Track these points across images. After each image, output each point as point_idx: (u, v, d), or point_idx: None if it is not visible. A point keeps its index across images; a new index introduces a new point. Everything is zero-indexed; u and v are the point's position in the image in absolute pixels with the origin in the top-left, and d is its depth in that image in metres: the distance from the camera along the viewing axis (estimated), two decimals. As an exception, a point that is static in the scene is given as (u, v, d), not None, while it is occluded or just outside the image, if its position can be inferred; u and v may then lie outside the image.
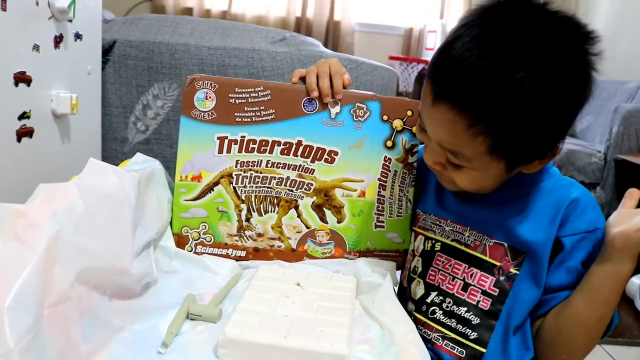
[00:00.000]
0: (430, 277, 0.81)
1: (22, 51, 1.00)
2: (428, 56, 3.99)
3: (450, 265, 0.79)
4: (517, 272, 0.75)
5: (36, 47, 1.04)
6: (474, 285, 0.77)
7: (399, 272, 0.88)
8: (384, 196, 0.87)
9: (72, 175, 0.70)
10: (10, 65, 0.97)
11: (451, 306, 0.78)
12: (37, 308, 0.51)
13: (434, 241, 0.82)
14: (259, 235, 0.87)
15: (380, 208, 0.87)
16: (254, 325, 0.62)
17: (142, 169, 0.80)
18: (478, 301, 0.76)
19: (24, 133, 1.04)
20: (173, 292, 0.74)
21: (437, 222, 0.83)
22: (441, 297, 0.79)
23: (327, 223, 0.87)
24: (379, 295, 0.76)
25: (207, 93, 0.84)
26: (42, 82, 1.08)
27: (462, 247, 0.79)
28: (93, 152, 1.47)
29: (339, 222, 0.87)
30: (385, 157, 0.86)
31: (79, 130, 1.28)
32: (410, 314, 0.80)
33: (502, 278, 0.75)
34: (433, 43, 3.99)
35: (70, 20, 1.17)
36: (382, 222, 0.88)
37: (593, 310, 0.72)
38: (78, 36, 1.23)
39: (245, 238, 0.87)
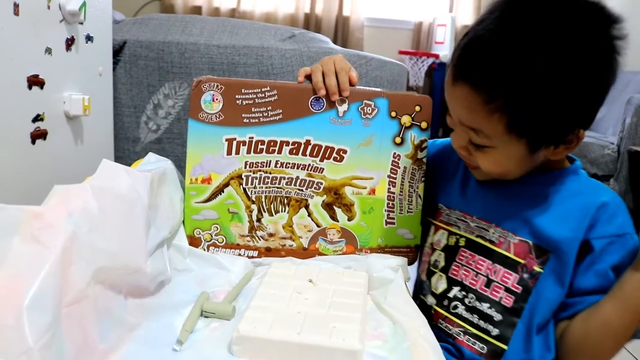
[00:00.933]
0: (453, 272, 0.81)
1: (35, 55, 1.02)
2: (438, 50, 3.97)
3: (474, 261, 0.79)
4: (541, 271, 0.75)
5: (48, 50, 1.06)
6: (497, 282, 0.77)
7: (410, 268, 0.88)
8: (393, 193, 0.87)
9: (86, 176, 0.71)
10: (23, 69, 0.99)
11: (474, 302, 0.78)
12: (55, 307, 0.52)
13: (458, 236, 0.82)
14: (271, 235, 0.88)
15: (390, 205, 0.88)
16: (267, 322, 0.63)
17: (155, 169, 0.81)
18: (501, 298, 0.76)
19: (38, 135, 1.05)
20: (187, 290, 0.75)
21: (462, 218, 0.83)
22: (464, 293, 0.79)
23: (337, 221, 0.88)
24: (390, 290, 0.76)
25: (213, 95, 0.84)
26: (55, 85, 1.09)
27: (487, 244, 0.79)
28: (106, 153, 1.49)
29: (349, 220, 0.88)
30: (394, 153, 0.86)
31: (91, 131, 1.30)
32: (430, 307, 0.81)
33: (525, 276, 0.75)
34: (443, 37, 3.96)
35: (81, 23, 1.18)
36: (393, 218, 0.88)
37: (624, 318, 0.71)
38: (89, 38, 1.24)
39: (257, 238, 0.88)
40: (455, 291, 0.80)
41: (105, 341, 0.59)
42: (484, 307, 0.77)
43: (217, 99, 0.84)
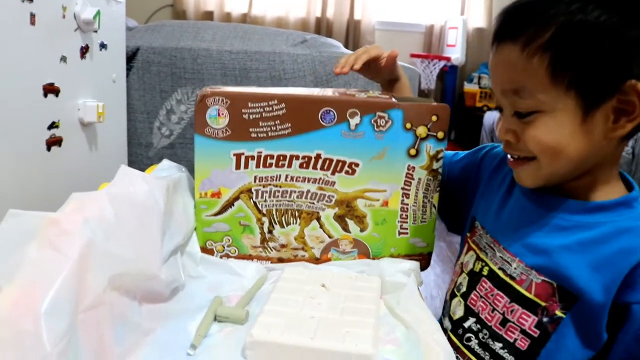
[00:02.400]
0: (472, 301, 0.77)
1: (50, 63, 1.03)
2: (449, 53, 3.96)
3: (492, 295, 0.74)
4: (564, 316, 0.68)
5: (63, 59, 1.07)
6: (513, 322, 0.71)
7: (422, 273, 0.88)
8: (407, 204, 0.86)
9: (101, 182, 0.73)
10: (39, 77, 1.00)
11: (487, 339, 0.73)
12: (72, 313, 0.52)
13: (484, 264, 0.77)
14: (283, 246, 0.87)
15: (403, 216, 0.86)
16: (281, 327, 0.63)
17: (170, 175, 0.82)
18: (515, 340, 0.71)
19: (54, 142, 1.07)
20: (200, 295, 0.75)
21: (491, 245, 0.77)
22: (479, 326, 0.75)
23: (349, 232, 0.87)
24: (403, 294, 0.76)
25: (219, 110, 0.81)
26: (70, 92, 1.11)
27: (507, 279, 0.73)
28: (119, 158, 1.50)
29: (361, 231, 0.87)
30: (409, 165, 0.83)
31: (105, 137, 1.31)
32: (445, 331, 0.78)
33: (545, 319, 0.69)
34: (454, 39, 3.95)
35: (96, 31, 1.20)
36: (406, 229, 0.87)
37: None
38: (103, 46, 1.26)
39: (269, 249, 0.87)
40: (470, 322, 0.76)
41: (121, 346, 0.60)
42: (497, 346, 0.72)
43: (222, 114, 0.81)
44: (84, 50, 1.15)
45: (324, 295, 0.72)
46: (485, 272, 0.76)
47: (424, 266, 0.89)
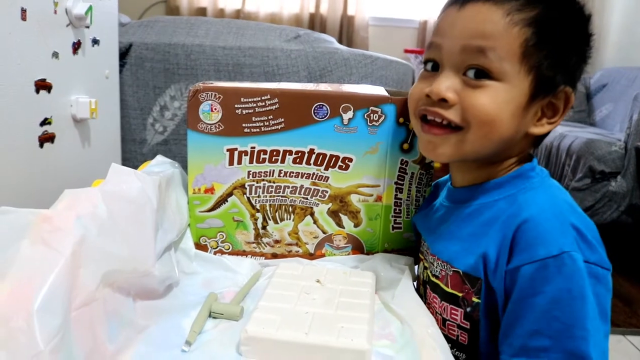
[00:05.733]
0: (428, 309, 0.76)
1: (42, 59, 1.02)
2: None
3: (432, 299, 0.74)
4: (479, 301, 0.66)
5: (55, 55, 1.06)
6: (449, 320, 0.70)
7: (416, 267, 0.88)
8: (400, 199, 0.86)
9: (94, 179, 0.72)
10: (31, 73, 0.99)
11: None
12: (65, 310, 0.52)
13: (426, 270, 0.77)
14: (277, 241, 0.87)
15: (397, 210, 0.87)
16: (275, 323, 0.63)
17: (162, 172, 0.82)
18: (457, 336, 0.70)
19: (46, 139, 1.06)
20: (195, 292, 0.75)
21: (427, 250, 0.78)
22: None
23: (343, 228, 0.87)
24: (398, 289, 0.76)
25: (212, 105, 0.81)
26: (62, 88, 1.10)
27: (434, 279, 0.73)
28: (113, 155, 1.49)
29: (355, 226, 0.87)
30: (402, 160, 0.84)
31: (98, 133, 1.31)
32: None
33: (468, 309, 0.68)
34: (448, 35, 3.94)
35: (88, 27, 1.19)
36: (400, 223, 0.87)
37: None
38: (95, 41, 1.24)
39: (263, 245, 0.87)
40: None
41: (115, 343, 0.60)
42: (449, 347, 0.68)
43: (215, 109, 0.81)
44: (76, 46, 1.14)
45: (319, 291, 0.73)
46: (426, 278, 0.77)
47: (418, 260, 0.88)
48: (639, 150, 2.44)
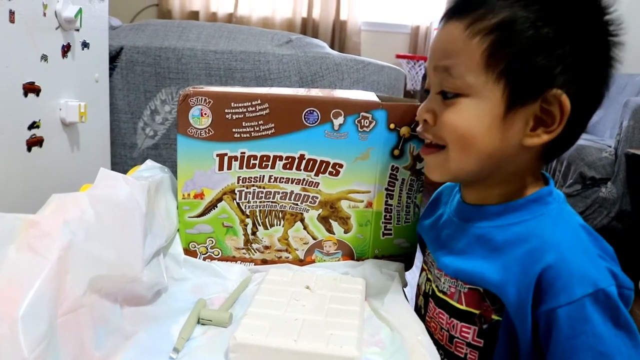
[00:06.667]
0: (427, 322, 0.76)
1: (30, 62, 1.01)
2: (435, 54, 3.97)
3: (437, 314, 0.73)
4: (500, 319, 0.65)
5: (44, 57, 1.05)
6: (458, 338, 0.69)
7: (407, 273, 0.88)
8: (391, 205, 0.86)
9: (83, 183, 0.71)
10: (19, 76, 0.98)
11: (443, 358, 0.71)
12: (51, 316, 0.51)
13: (430, 283, 0.76)
14: (266, 247, 0.87)
15: (387, 217, 0.86)
16: (264, 329, 0.63)
17: (151, 176, 0.81)
18: (465, 354, 0.69)
19: (34, 142, 1.05)
20: (184, 298, 0.75)
21: (432, 263, 0.77)
22: (436, 347, 0.69)
23: (334, 234, 0.86)
24: (388, 296, 0.76)
25: (202, 110, 0.80)
26: (51, 92, 1.09)
27: (441, 295, 0.72)
28: (103, 159, 1.49)
29: (345, 232, 0.86)
30: (392, 166, 0.83)
31: (88, 137, 1.30)
32: None
33: (485, 326, 0.66)
34: (440, 41, 3.95)
35: (77, 30, 1.18)
36: (390, 229, 0.87)
37: None
38: (85, 45, 1.24)
39: (252, 251, 0.87)
40: None
41: (102, 350, 0.59)
42: None
43: (205, 114, 0.80)
44: (66, 49, 1.13)
45: (308, 297, 0.72)
46: (431, 292, 0.76)
47: (408, 267, 0.89)
48: (629, 157, 2.45)
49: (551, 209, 0.66)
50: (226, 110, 0.80)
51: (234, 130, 0.81)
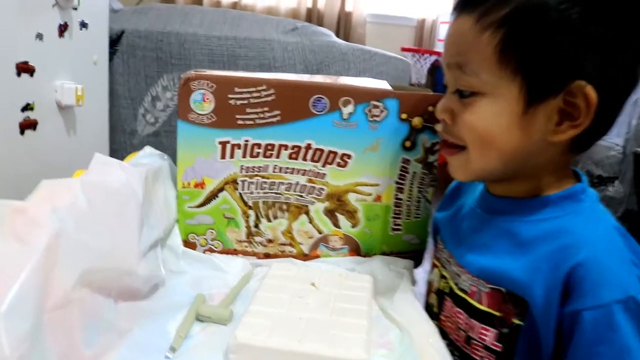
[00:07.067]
0: (442, 322, 0.72)
1: (24, 40, 0.97)
2: (440, 48, 3.91)
3: (454, 313, 0.69)
4: (522, 324, 0.61)
5: (39, 36, 1.01)
6: (476, 340, 0.65)
7: (416, 270, 0.84)
8: (401, 199, 0.82)
9: (78, 169, 0.68)
10: (11, 54, 0.94)
11: None
12: (37, 312, 0.48)
13: (446, 281, 0.72)
14: (269, 241, 0.83)
15: (397, 211, 0.83)
16: (266, 329, 0.59)
17: (149, 163, 0.78)
18: (482, 358, 0.65)
19: (28, 125, 1.01)
20: (182, 292, 0.71)
21: (448, 259, 0.73)
22: (451, 348, 0.66)
23: (340, 228, 0.83)
24: (397, 295, 0.73)
25: (204, 94, 0.77)
26: (46, 73, 1.05)
27: (461, 293, 0.68)
28: (100, 145, 1.45)
29: (353, 226, 0.83)
30: (403, 158, 0.80)
31: (85, 122, 1.26)
32: None
33: (504, 330, 0.62)
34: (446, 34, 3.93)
35: (75, 8, 1.14)
36: (399, 225, 0.83)
37: None
38: (84, 25, 1.20)
39: (255, 244, 0.83)
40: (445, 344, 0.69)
41: (93, 348, 0.55)
42: None
43: (208, 99, 0.77)
44: (63, 29, 1.09)
45: (313, 295, 0.69)
46: (447, 290, 0.72)
47: (417, 264, 0.85)
48: (638, 156, 2.42)
49: (584, 207, 0.63)
50: (229, 96, 0.77)
51: (237, 116, 0.77)
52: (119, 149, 1.69)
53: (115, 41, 1.58)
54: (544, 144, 0.60)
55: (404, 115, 0.78)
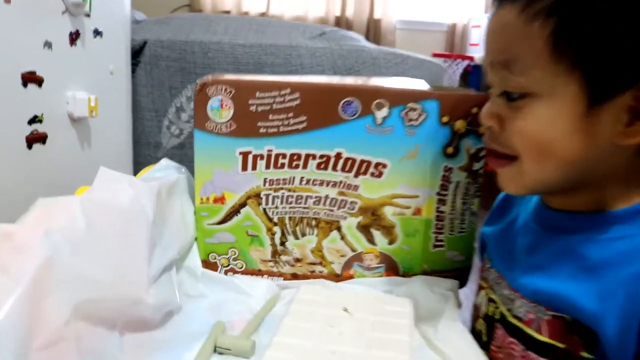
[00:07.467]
0: (493, 352, 0.64)
1: (30, 49, 0.93)
2: (473, 52, 3.89)
3: (508, 344, 0.61)
4: (592, 357, 0.53)
5: (48, 44, 0.97)
6: None
7: (461, 291, 0.77)
8: (443, 212, 0.75)
9: (89, 185, 0.62)
10: (16, 64, 0.89)
11: None
12: (21, 352, 0.42)
13: (495, 305, 0.65)
14: (297, 260, 0.77)
15: (439, 225, 0.75)
16: (293, 365, 0.53)
17: (164, 177, 0.72)
18: None
19: (36, 139, 0.96)
20: (200, 319, 0.65)
21: (498, 281, 0.66)
22: None
23: (375, 245, 0.76)
24: (442, 321, 0.65)
25: (222, 101, 0.71)
26: (56, 83, 1.01)
27: (515, 321, 0.60)
28: (123, 159, 1.41)
29: (389, 243, 0.76)
30: (445, 166, 0.73)
31: (101, 134, 1.21)
32: None
33: None
34: (478, 38, 3.87)
35: (88, 15, 1.09)
36: (442, 240, 0.76)
37: None
38: (97, 32, 1.15)
39: (281, 264, 0.77)
40: None
41: (92, 390, 0.48)
42: None
43: (226, 105, 0.72)
44: (74, 37, 1.04)
45: (346, 323, 0.62)
46: (497, 316, 0.64)
47: (462, 284, 0.78)
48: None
49: None
50: (250, 101, 0.71)
51: (259, 124, 0.72)
52: (144, 162, 1.66)
53: (137, 52, 1.56)
54: (610, 149, 0.52)
55: (445, 119, 0.71)
